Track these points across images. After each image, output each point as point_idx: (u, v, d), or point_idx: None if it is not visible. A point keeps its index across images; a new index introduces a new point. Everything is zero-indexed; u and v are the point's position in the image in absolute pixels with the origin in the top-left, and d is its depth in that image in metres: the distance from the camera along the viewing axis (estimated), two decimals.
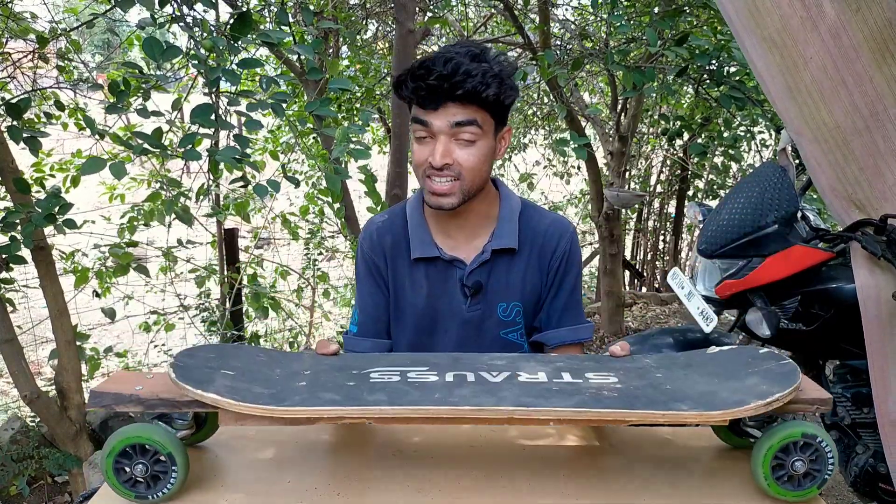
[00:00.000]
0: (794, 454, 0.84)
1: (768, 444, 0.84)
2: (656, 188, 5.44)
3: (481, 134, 1.11)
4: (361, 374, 0.91)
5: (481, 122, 1.10)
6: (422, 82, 1.08)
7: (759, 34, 1.33)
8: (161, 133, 1.71)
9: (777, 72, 1.34)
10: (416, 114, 1.12)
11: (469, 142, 1.11)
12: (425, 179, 1.14)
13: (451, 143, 1.11)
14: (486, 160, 1.14)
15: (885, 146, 1.30)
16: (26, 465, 2.33)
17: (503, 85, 1.10)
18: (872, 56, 1.26)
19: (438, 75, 1.06)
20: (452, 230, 1.23)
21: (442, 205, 1.14)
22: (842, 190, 1.38)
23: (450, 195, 1.13)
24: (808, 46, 1.29)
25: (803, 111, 1.34)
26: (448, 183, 1.12)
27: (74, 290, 2.49)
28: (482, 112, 1.10)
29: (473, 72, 1.07)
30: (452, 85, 1.06)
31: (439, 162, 1.10)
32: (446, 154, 1.10)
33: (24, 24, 2.36)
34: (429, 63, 1.08)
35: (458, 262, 1.22)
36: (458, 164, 1.11)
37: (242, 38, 1.64)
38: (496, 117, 1.14)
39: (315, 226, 3.86)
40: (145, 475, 0.83)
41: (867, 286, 1.41)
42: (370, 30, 4.12)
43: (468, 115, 1.09)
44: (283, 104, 1.68)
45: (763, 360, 0.93)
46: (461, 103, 1.08)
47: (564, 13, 4.05)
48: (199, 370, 0.85)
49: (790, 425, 0.85)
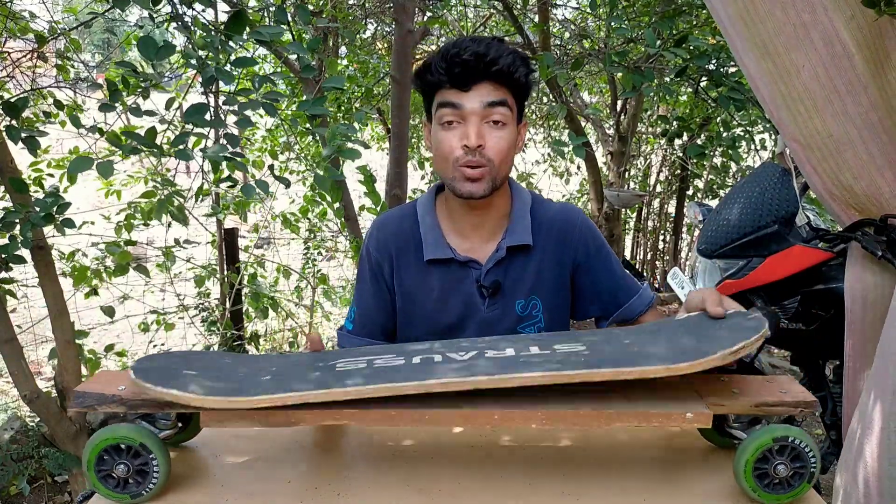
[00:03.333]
0: (773, 460, 0.84)
1: (744, 459, 0.84)
2: (656, 188, 5.44)
3: (510, 117, 1.11)
4: (327, 365, 0.91)
5: (510, 104, 1.11)
6: (456, 59, 1.07)
7: (752, 41, 1.33)
8: (154, 133, 1.70)
9: (770, 79, 1.34)
10: (444, 97, 1.10)
11: (500, 124, 1.10)
12: (457, 168, 1.11)
13: (482, 125, 1.09)
14: (511, 148, 1.13)
15: (879, 155, 1.30)
16: (26, 464, 2.33)
17: (529, 69, 1.12)
18: (866, 64, 1.26)
19: (474, 52, 1.06)
20: (468, 230, 1.21)
21: (474, 192, 1.11)
22: (839, 195, 1.38)
23: (482, 180, 1.11)
24: (801, 54, 1.29)
25: (796, 119, 1.34)
26: (479, 169, 1.10)
27: (74, 290, 2.49)
28: (510, 96, 1.11)
29: (506, 52, 1.08)
30: (488, 62, 1.06)
31: (475, 141, 1.07)
32: (481, 134, 1.08)
33: (22, 23, 2.36)
34: (461, 43, 1.09)
35: (473, 262, 1.20)
36: (489, 147, 1.09)
37: (237, 36, 1.63)
38: (519, 105, 1.14)
39: (315, 226, 3.86)
40: (129, 473, 0.83)
41: (856, 287, 1.41)
42: (369, 29, 4.12)
43: (500, 95, 1.09)
44: (274, 103, 1.66)
45: (730, 318, 0.94)
46: (494, 83, 1.08)
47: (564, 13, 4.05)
48: (162, 371, 0.86)
49: (762, 433, 0.84)
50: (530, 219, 1.21)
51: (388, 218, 1.28)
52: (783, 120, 1.36)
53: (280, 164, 3.63)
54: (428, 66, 1.11)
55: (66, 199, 1.81)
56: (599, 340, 0.94)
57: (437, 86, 1.11)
